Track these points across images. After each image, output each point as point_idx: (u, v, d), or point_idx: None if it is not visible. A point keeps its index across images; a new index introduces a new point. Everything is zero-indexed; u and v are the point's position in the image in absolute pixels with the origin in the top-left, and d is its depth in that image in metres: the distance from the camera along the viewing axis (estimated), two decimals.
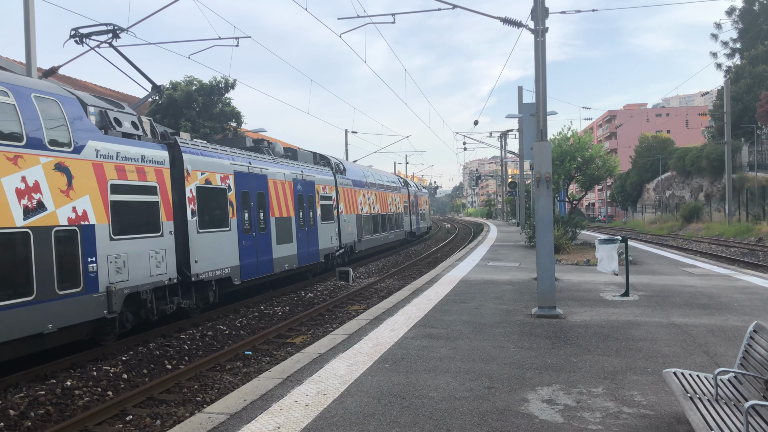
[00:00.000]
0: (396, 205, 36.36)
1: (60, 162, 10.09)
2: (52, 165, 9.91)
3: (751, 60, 51.81)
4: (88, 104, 11.64)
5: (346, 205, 25.84)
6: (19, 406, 8.03)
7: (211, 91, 28.33)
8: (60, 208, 9.96)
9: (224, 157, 15.60)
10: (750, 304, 10.98)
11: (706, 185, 52.85)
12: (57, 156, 10.04)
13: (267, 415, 5.48)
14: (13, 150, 9.19)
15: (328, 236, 22.85)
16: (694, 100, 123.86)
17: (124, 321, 11.52)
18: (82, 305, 10.29)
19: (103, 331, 11.17)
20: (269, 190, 17.87)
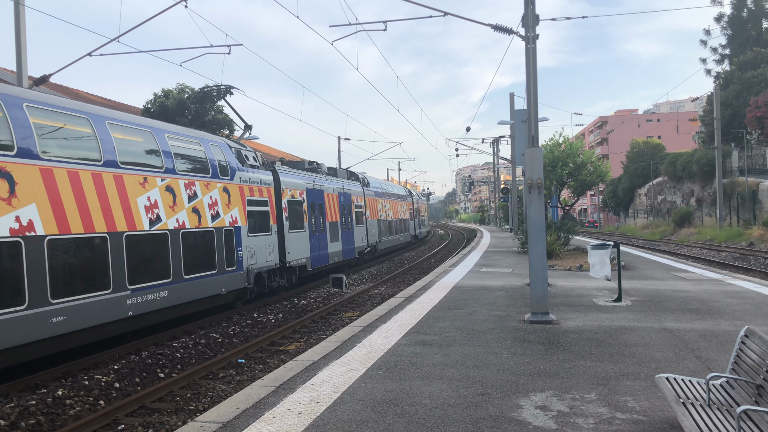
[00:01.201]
0: (404, 212, 41.97)
1: (225, 186, 15.59)
2: (222, 187, 15.43)
3: (740, 66, 52.26)
4: (231, 146, 16.83)
5: (371, 212, 31.59)
6: (9, 416, 7.95)
7: (203, 98, 28.28)
8: (225, 215, 15.39)
9: (300, 178, 21.52)
10: (742, 309, 11.03)
11: (697, 190, 53.16)
12: (224, 182, 15.57)
13: (260, 424, 5.46)
14: (206, 179, 14.75)
15: (360, 237, 28.74)
16: (685, 105, 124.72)
17: (250, 292, 16.65)
18: (236, 278, 15.74)
19: (239, 298, 16.29)
20: (325, 201, 23.65)
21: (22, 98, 10.04)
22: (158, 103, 27.36)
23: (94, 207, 10.98)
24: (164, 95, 27.86)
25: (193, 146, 14.78)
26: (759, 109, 43.88)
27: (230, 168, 15.94)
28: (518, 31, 11.06)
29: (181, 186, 13.65)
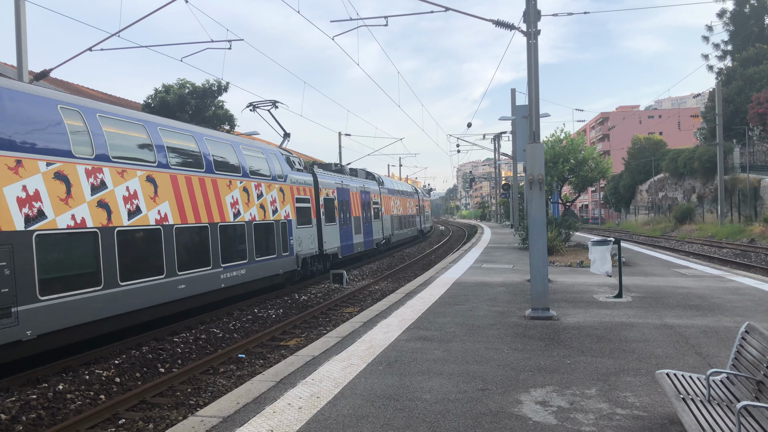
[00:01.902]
0: (411, 208, 45.38)
1: (281, 186, 18.97)
2: (279, 188, 18.78)
3: (742, 62, 52.12)
4: (283, 154, 20.28)
5: (385, 208, 35.03)
6: (10, 410, 7.97)
7: (203, 93, 28.27)
8: (281, 210, 18.80)
9: (331, 178, 24.98)
10: (742, 305, 11.03)
11: (699, 186, 53.11)
12: (280, 183, 18.90)
13: (260, 418, 5.46)
14: (268, 182, 18.08)
15: (378, 230, 32.37)
16: (686, 102, 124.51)
17: (298, 274, 20.10)
18: (289, 261, 19.16)
19: (289, 279, 19.64)
20: (350, 198, 27.01)
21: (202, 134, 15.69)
22: (159, 98, 27.35)
23: (201, 203, 14.38)
24: (165, 90, 27.84)
25: (258, 155, 18.22)
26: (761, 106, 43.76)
27: (283, 172, 19.56)
28: (520, 26, 11.04)
29: (252, 187, 17.14)
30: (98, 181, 11.24)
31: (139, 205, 12.22)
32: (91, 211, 10.93)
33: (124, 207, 11.83)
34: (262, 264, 17.11)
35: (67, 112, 10.97)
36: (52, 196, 10.08)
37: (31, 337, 9.38)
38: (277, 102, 21.83)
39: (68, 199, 10.44)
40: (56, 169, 10.26)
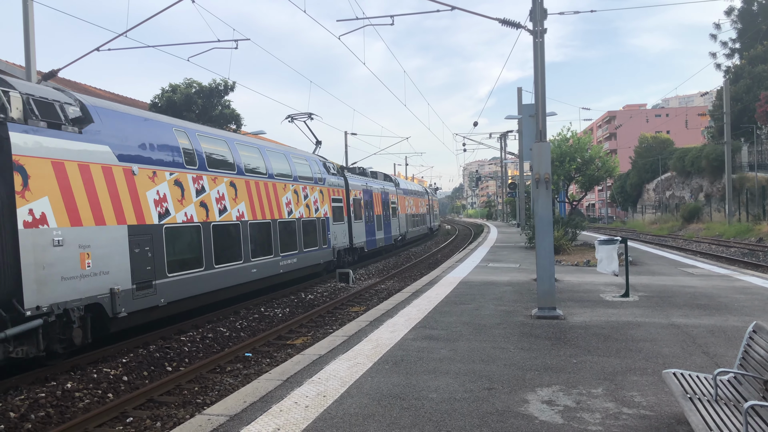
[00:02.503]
0: (422, 207, 48.50)
1: (321, 189, 22.14)
2: (319, 190, 21.98)
3: (750, 60, 51.82)
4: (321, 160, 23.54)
5: (401, 207, 38.33)
6: (19, 409, 8.03)
7: (210, 93, 28.33)
8: (321, 209, 21.91)
9: (358, 181, 28.44)
10: (750, 305, 10.98)
11: (706, 185, 52.86)
12: (320, 186, 22.07)
13: (267, 417, 5.49)
14: (311, 184, 21.23)
15: (395, 227, 35.62)
16: (694, 100, 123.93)
17: (334, 264, 23.16)
18: (328, 253, 22.35)
19: (326, 269, 22.58)
20: (373, 199, 30.36)
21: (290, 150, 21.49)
22: (166, 98, 27.42)
23: (265, 203, 17.43)
24: (172, 90, 27.91)
25: (303, 162, 21.48)
26: None
27: (322, 176, 22.76)
28: (526, 25, 11.02)
29: (300, 189, 20.31)
30: (200, 186, 14.22)
31: (225, 205, 15.31)
32: (196, 209, 13.96)
33: (216, 206, 14.85)
34: (308, 254, 20.44)
35: (178, 133, 13.89)
36: (173, 198, 13.11)
37: (162, 304, 12.35)
38: (312, 114, 24.42)
39: (182, 200, 13.46)
40: (175, 178, 13.29)
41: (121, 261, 11.27)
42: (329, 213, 22.82)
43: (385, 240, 32.38)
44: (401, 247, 37.98)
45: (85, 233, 10.49)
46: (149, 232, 12.09)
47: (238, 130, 30.81)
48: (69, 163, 10.37)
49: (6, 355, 8.88)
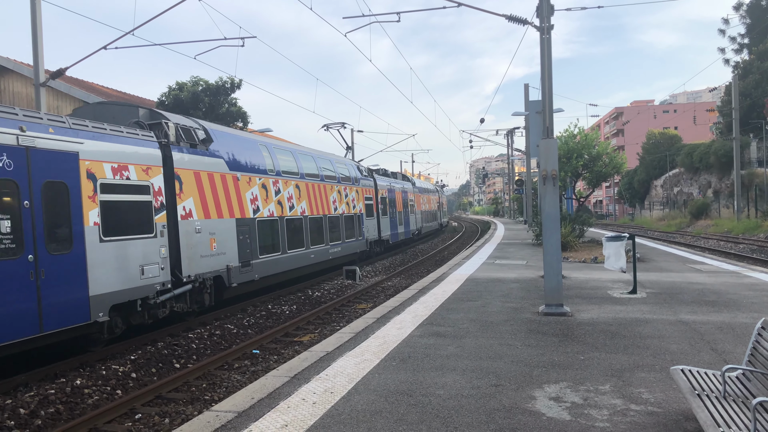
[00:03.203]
0: (433, 204, 52.36)
1: (356, 189, 25.80)
2: (355, 190, 25.64)
3: (759, 55, 51.41)
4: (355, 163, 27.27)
5: (417, 204, 41.94)
6: (29, 405, 8.09)
7: (217, 91, 28.38)
8: (356, 206, 25.59)
9: (384, 181, 32.50)
10: (759, 301, 10.92)
11: (715, 182, 52.55)
12: (355, 186, 25.61)
13: (274, 413, 5.51)
14: (349, 185, 24.88)
15: (412, 222, 39.53)
16: (702, 96, 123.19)
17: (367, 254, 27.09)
18: (362, 243, 26.07)
19: (360, 258, 25.98)
20: (395, 197, 34.46)
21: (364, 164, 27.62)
22: (173, 96, 27.49)
23: (318, 201, 21.35)
24: (178, 88, 27.98)
25: (343, 166, 25.39)
26: None
27: (357, 177, 26.64)
28: (533, 21, 10.98)
29: (342, 189, 24.19)
30: (277, 188, 18.08)
31: (293, 203, 19.18)
32: (275, 206, 17.81)
33: (287, 204, 18.72)
34: (348, 244, 24.31)
35: (261, 147, 17.75)
36: (261, 198, 16.95)
37: (256, 279, 16.20)
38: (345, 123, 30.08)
39: (267, 200, 17.30)
40: (262, 182, 17.14)
41: (232, 245, 15.08)
42: (363, 210, 26.88)
43: (405, 234, 36.60)
44: (417, 241, 42.02)
45: (212, 224, 14.26)
46: (248, 223, 15.99)
47: (245, 128, 30.88)
48: (202, 172, 14.13)
49: (171, 309, 12.66)
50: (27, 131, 9.28)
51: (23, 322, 8.91)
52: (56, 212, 9.84)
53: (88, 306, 10.25)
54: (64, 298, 9.73)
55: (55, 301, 9.53)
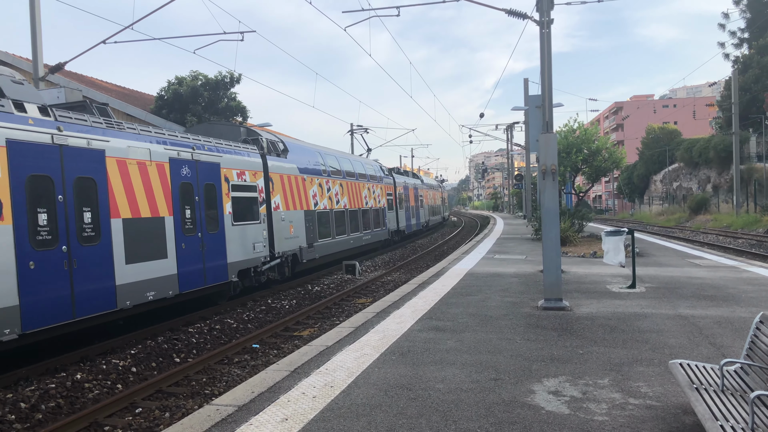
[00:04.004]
0: (438, 199, 56.26)
1: (381, 186, 30.90)
2: (379, 187, 30.65)
3: (759, 50, 51.32)
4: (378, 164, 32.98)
5: (425, 199, 46.19)
6: (30, 399, 8.12)
7: (216, 85, 28.33)
8: (380, 201, 30.50)
9: (400, 179, 36.87)
10: (757, 296, 10.95)
11: (714, 176, 52.56)
12: (379, 184, 30.64)
13: (274, 407, 5.53)
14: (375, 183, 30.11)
15: (422, 215, 44.07)
16: (702, 90, 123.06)
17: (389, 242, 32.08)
18: (385, 233, 30.84)
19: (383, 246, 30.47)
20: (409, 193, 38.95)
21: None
22: (172, 91, 27.44)
23: (354, 197, 25.94)
24: (178, 82, 27.92)
25: (370, 166, 30.23)
26: None
27: (381, 176, 31.35)
28: (533, 15, 10.97)
29: (370, 186, 28.82)
30: (328, 187, 22.58)
31: (339, 198, 23.78)
32: (327, 201, 22.41)
33: (335, 199, 23.33)
34: (375, 232, 28.81)
35: (317, 153, 22.60)
36: (318, 194, 21.44)
37: (317, 257, 20.62)
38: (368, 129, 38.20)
39: (322, 195, 21.82)
40: (319, 182, 21.66)
41: (302, 231, 19.63)
42: (385, 204, 31.47)
43: (417, 225, 41.43)
44: (425, 231, 46.60)
45: (290, 214, 18.78)
46: (311, 214, 20.50)
47: (245, 123, 30.86)
48: (284, 175, 18.59)
49: (267, 276, 16.98)
50: (196, 150, 13.74)
51: (199, 278, 13.52)
52: (211, 204, 14.11)
53: (227, 270, 14.65)
54: (215, 263, 14.15)
55: (212, 265, 14.00)
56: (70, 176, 10.11)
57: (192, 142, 13.71)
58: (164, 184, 12.48)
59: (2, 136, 8.90)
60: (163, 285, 12.18)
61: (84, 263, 10.19)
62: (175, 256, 12.60)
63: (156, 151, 12.30)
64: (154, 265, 11.94)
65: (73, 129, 10.29)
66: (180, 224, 12.85)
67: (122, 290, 11.03)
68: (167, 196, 12.54)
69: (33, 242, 9.28)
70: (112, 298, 10.79)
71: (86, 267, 10.23)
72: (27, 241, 9.15)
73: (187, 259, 12.94)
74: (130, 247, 11.29)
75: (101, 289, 10.55)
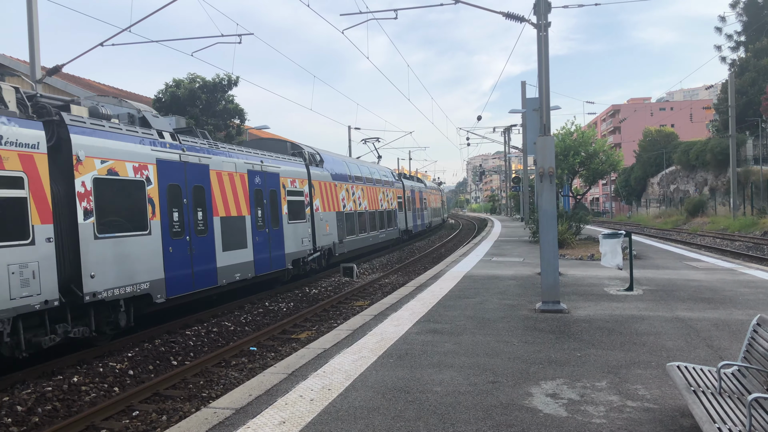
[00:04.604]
0: (438, 202, 59.90)
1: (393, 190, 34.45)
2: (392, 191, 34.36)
3: (755, 53, 51.50)
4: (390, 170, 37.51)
5: (428, 202, 49.50)
6: (26, 402, 8.09)
7: (214, 88, 28.32)
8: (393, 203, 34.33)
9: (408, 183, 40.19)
10: (755, 298, 10.97)
11: (711, 179, 52.66)
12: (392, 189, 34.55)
13: (272, 410, 5.52)
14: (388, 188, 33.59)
15: (426, 216, 47.54)
16: (699, 93, 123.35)
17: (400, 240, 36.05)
18: (396, 231, 34.52)
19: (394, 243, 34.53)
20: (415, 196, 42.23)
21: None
22: (169, 93, 27.43)
23: (372, 199, 29.16)
24: (175, 85, 27.91)
25: (384, 172, 34.02)
26: None
27: (392, 181, 34.82)
28: (530, 18, 10.99)
29: (384, 191, 32.19)
30: (352, 191, 25.91)
31: (360, 201, 27.09)
32: (352, 204, 25.66)
33: (358, 201, 26.62)
34: (388, 231, 32.26)
35: (344, 162, 26.12)
36: (346, 198, 24.88)
37: (345, 252, 24.07)
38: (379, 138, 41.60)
39: (349, 199, 25.22)
40: (346, 187, 25.04)
41: (335, 229, 23.01)
42: (396, 206, 34.86)
43: (422, 225, 45.04)
44: (429, 232, 49.96)
45: (326, 215, 22.25)
46: (341, 215, 24.01)
47: (242, 125, 30.83)
48: (321, 182, 22.02)
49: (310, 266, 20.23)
50: (264, 163, 17.33)
51: (267, 264, 17.02)
52: (274, 206, 17.76)
53: (285, 259, 18.20)
54: (277, 253, 17.72)
55: (275, 255, 17.59)
56: (190, 185, 13.48)
57: (261, 156, 17.41)
58: (244, 190, 15.96)
59: (154, 157, 12.23)
60: (244, 269, 15.65)
61: (198, 250, 13.60)
62: (251, 247, 16.09)
63: (239, 165, 15.82)
64: (239, 253, 15.39)
65: (190, 149, 13.67)
66: (254, 221, 16.36)
67: (221, 271, 14.47)
68: (246, 199, 16.03)
69: (171, 233, 12.62)
70: (214, 276, 14.19)
71: (200, 253, 13.64)
72: (168, 232, 12.53)
73: (259, 249, 16.49)
74: (224, 239, 14.72)
75: (208, 269, 13.99)
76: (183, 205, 13.07)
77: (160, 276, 12.11)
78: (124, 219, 11.35)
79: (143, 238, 11.76)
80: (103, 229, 10.70)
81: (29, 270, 9.06)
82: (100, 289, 10.45)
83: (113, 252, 10.88)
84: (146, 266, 11.77)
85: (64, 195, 10.09)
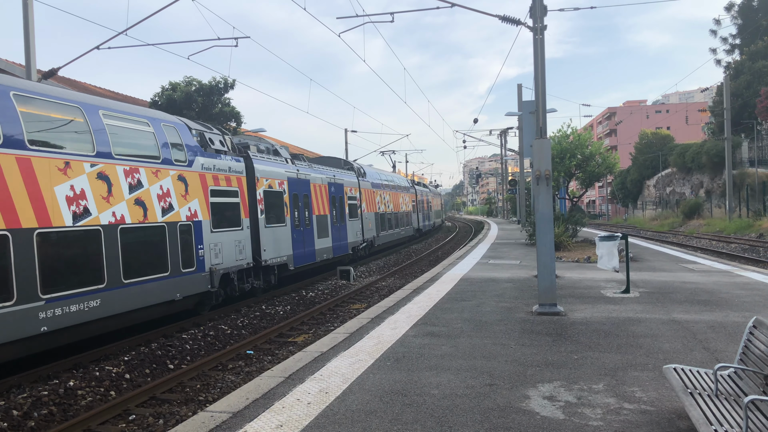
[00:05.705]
0: (438, 204, 64.90)
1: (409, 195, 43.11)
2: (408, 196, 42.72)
3: (750, 56, 51.71)
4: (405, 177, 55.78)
5: (432, 204, 55.38)
6: (22, 407, 8.06)
7: (210, 91, 28.33)
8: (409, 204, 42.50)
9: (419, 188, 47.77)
10: (750, 300, 11.00)
11: (707, 181, 52.81)
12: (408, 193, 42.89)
13: (269, 414, 5.51)
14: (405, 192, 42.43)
15: (432, 217, 53.72)
16: (694, 96, 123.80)
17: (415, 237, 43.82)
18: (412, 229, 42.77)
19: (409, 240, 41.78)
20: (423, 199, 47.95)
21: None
22: (166, 96, 27.42)
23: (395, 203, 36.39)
24: (172, 88, 27.91)
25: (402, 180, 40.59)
26: None
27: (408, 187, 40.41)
28: (526, 21, 11.02)
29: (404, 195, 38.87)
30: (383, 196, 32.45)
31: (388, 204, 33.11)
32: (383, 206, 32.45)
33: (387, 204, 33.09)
34: (406, 229, 37.79)
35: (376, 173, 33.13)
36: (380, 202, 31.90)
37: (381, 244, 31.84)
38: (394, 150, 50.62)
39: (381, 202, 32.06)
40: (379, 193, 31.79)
41: (374, 225, 29.32)
42: (411, 208, 40.96)
43: (429, 225, 51.09)
44: (435, 231, 56.24)
45: (369, 215, 28.68)
46: (378, 215, 30.12)
47: (239, 128, 30.84)
48: (365, 189, 28.51)
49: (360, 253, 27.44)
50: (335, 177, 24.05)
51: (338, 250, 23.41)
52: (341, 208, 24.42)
53: (348, 246, 24.81)
54: (343, 242, 24.31)
55: (343, 243, 24.27)
56: (301, 193, 20.05)
57: (333, 171, 24.50)
58: (326, 196, 22.66)
59: (286, 176, 18.85)
60: (327, 251, 22.33)
61: (306, 237, 20.17)
62: (331, 236, 22.81)
63: (323, 178, 22.52)
64: (324, 240, 22.02)
65: (301, 169, 20.45)
66: (332, 218, 22.99)
67: (317, 252, 21.10)
68: (327, 203, 22.74)
69: (293, 225, 19.09)
70: (313, 255, 20.75)
71: (307, 239, 20.21)
72: (293, 225, 19.06)
73: (335, 238, 23.25)
74: (318, 230, 21.26)
75: (311, 251, 20.55)
76: (299, 207, 19.71)
77: (290, 253, 18.71)
78: (275, 216, 17.74)
79: (283, 228, 18.29)
80: (268, 222, 17.18)
81: (241, 245, 15.49)
82: (268, 258, 16.97)
83: (272, 236, 17.33)
84: (285, 246, 18.28)
85: (251, 201, 16.35)
